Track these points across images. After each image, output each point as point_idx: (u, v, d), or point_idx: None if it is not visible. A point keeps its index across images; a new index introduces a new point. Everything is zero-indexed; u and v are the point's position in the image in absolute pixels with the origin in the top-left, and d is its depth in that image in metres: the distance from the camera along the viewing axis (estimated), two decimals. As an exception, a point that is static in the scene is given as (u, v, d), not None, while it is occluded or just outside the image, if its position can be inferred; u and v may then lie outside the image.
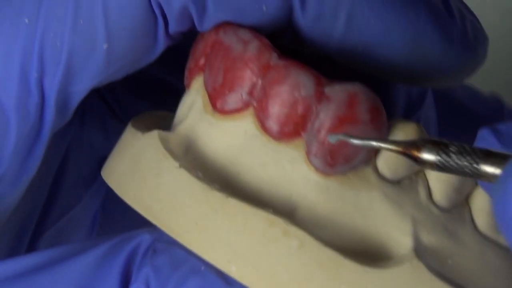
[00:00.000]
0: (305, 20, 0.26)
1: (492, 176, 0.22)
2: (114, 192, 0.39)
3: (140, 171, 0.27)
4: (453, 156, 0.22)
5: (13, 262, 0.26)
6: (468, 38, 0.26)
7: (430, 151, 0.22)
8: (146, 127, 0.30)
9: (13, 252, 0.33)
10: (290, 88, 0.25)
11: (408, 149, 0.23)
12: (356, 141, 0.24)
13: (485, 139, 0.24)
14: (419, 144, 0.23)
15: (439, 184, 0.25)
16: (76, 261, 0.26)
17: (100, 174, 0.37)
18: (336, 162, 0.25)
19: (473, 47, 0.26)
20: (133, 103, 0.37)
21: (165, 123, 0.32)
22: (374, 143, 0.24)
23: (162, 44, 0.28)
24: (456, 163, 0.22)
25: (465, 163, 0.22)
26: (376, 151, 0.25)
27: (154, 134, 0.28)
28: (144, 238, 0.26)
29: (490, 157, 0.22)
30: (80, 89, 0.28)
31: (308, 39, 0.26)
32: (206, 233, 0.25)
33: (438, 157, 0.22)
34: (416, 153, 0.23)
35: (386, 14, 0.25)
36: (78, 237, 0.37)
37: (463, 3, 0.26)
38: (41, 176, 0.30)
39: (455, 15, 0.25)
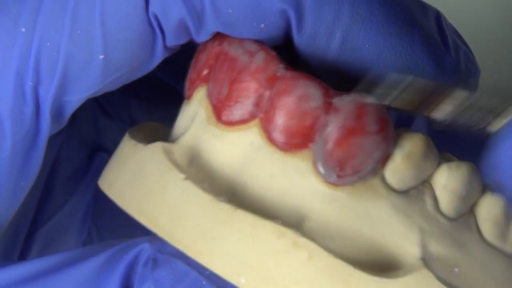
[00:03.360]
0: (301, 39, 0.26)
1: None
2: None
3: (144, 183, 0.27)
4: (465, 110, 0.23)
5: (9, 271, 0.26)
6: (460, 69, 0.26)
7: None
8: (144, 138, 0.30)
9: (8, 249, 0.33)
10: (298, 99, 0.25)
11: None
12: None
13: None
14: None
15: (445, 193, 0.25)
16: (74, 270, 0.26)
17: (90, 169, 0.37)
18: (345, 173, 0.25)
19: (464, 78, 0.26)
20: (123, 99, 0.37)
21: (162, 133, 0.32)
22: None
23: (159, 56, 0.28)
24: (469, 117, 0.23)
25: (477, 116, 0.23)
26: (384, 162, 0.25)
27: (157, 146, 0.28)
28: (144, 248, 0.26)
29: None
30: (75, 99, 0.28)
31: (303, 56, 0.27)
32: (215, 245, 0.25)
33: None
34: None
35: (380, 39, 0.25)
36: (72, 232, 0.37)
37: (458, 35, 0.27)
38: None
39: (449, 46, 0.26)
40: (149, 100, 0.33)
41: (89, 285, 0.25)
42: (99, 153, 0.38)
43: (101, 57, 0.27)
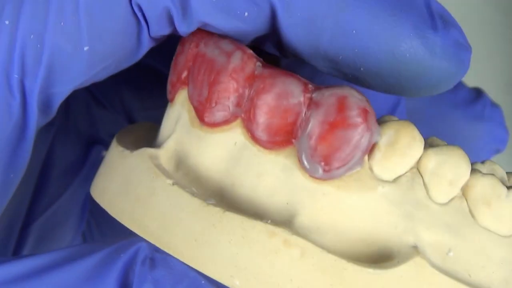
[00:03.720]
0: (289, 26, 0.25)
1: None
2: None
3: (133, 191, 0.27)
4: None
5: (3, 268, 0.26)
6: (450, 50, 0.26)
7: None
8: (131, 143, 0.30)
9: (3, 242, 0.33)
10: (278, 97, 0.25)
11: None
12: None
13: None
14: None
15: (434, 179, 0.25)
16: (70, 268, 0.26)
17: (86, 161, 0.37)
18: (331, 167, 0.25)
19: (455, 58, 0.26)
20: (115, 88, 0.37)
21: (150, 135, 0.32)
22: None
23: (145, 46, 0.28)
24: None
25: None
26: (370, 152, 0.25)
27: (143, 152, 0.28)
28: (141, 246, 0.26)
29: None
30: (62, 91, 0.28)
31: (290, 44, 0.26)
32: (206, 249, 0.24)
33: None
34: None
35: (370, 24, 0.25)
36: (68, 225, 0.38)
37: (447, 13, 0.27)
38: (29, 165, 0.30)
39: (438, 27, 0.26)
40: (141, 88, 0.33)
41: (85, 283, 0.25)
42: (96, 146, 0.38)
43: (86, 48, 0.26)
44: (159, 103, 0.36)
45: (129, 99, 0.37)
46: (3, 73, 0.27)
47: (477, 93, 0.39)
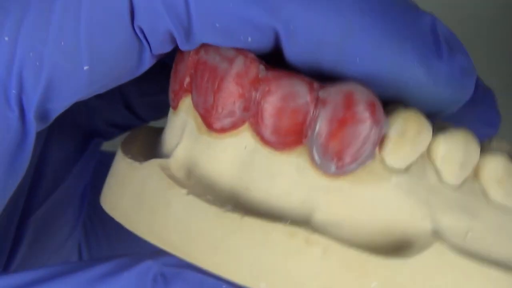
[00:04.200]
0: (292, 53, 0.26)
1: None
2: (103, 169, 0.39)
3: (148, 203, 0.27)
4: None
5: (2, 281, 0.26)
6: (455, 77, 0.26)
7: None
8: (138, 153, 0.30)
9: (0, 237, 0.33)
10: (284, 98, 0.25)
11: None
12: None
13: None
14: None
15: (446, 163, 0.25)
16: (70, 280, 0.26)
17: (85, 152, 0.37)
18: (343, 163, 0.25)
19: (459, 84, 0.26)
20: None
21: (154, 142, 0.32)
22: None
23: (146, 64, 0.28)
24: None
25: None
26: (380, 144, 0.25)
27: (154, 163, 0.28)
28: (147, 264, 0.26)
29: None
30: (60, 106, 0.28)
31: (293, 65, 0.26)
32: (229, 255, 0.25)
33: None
34: None
35: (372, 51, 0.25)
36: (66, 217, 0.38)
37: (455, 40, 0.26)
38: None
39: (443, 53, 0.25)
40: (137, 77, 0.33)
41: None
42: (93, 139, 0.38)
43: (85, 67, 0.27)
44: (157, 89, 0.36)
45: (126, 86, 0.37)
46: (1, 88, 0.27)
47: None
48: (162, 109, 0.37)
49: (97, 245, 0.41)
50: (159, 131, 0.32)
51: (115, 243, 0.41)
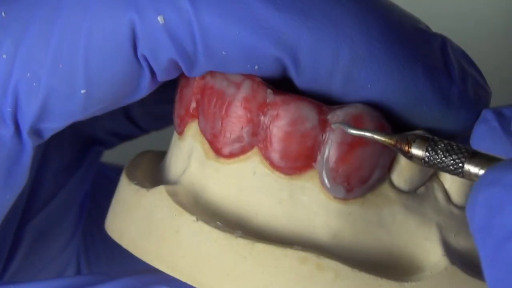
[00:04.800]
0: (300, 81, 0.25)
1: (475, 176, 0.22)
2: (102, 181, 0.39)
3: (157, 230, 0.27)
4: (440, 153, 0.23)
5: None
6: (468, 97, 0.26)
7: (419, 146, 0.23)
8: (143, 179, 0.30)
9: None
10: (293, 123, 0.25)
11: (399, 142, 0.23)
12: (353, 131, 0.24)
13: (487, 121, 0.24)
14: (409, 139, 0.23)
15: (454, 184, 0.26)
16: None
17: (85, 161, 0.37)
18: (353, 186, 0.25)
19: (473, 105, 0.26)
20: None
21: (158, 167, 0.32)
22: (368, 134, 0.24)
23: (145, 90, 0.28)
24: (442, 160, 0.23)
25: (451, 161, 0.22)
26: (389, 167, 0.25)
27: (162, 190, 0.27)
28: None
29: (476, 157, 0.22)
30: (55, 126, 0.28)
31: (302, 91, 0.26)
32: (240, 281, 0.25)
33: (426, 153, 0.23)
34: (406, 147, 0.23)
35: (383, 77, 0.25)
36: (65, 224, 0.37)
37: (466, 58, 0.26)
38: None
39: (454, 75, 0.25)
40: None
41: None
42: (93, 147, 0.38)
43: (82, 91, 0.27)
44: (158, 100, 0.36)
45: None
46: None
47: None
48: (162, 120, 0.37)
49: (96, 257, 0.41)
50: (162, 155, 0.32)
51: (114, 254, 0.41)
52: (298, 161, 0.25)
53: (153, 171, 0.31)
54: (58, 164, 0.36)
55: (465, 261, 0.25)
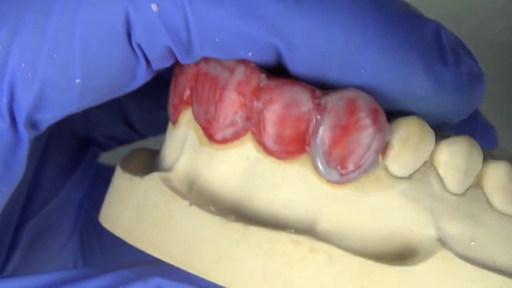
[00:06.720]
0: (294, 67, 0.25)
1: None
2: (100, 181, 0.39)
3: (150, 216, 0.27)
4: None
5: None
6: (463, 83, 0.26)
7: None
8: (138, 169, 0.30)
9: None
10: (286, 106, 0.25)
11: None
12: None
13: None
14: None
15: (449, 171, 0.25)
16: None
17: (83, 162, 0.37)
18: (347, 170, 0.25)
19: (467, 91, 0.26)
20: None
21: (153, 160, 0.32)
22: None
23: (141, 79, 0.28)
24: None
25: None
26: (383, 151, 0.25)
27: (155, 177, 0.27)
28: (150, 282, 0.26)
29: None
30: (51, 117, 0.28)
31: (297, 77, 0.26)
32: (233, 266, 0.25)
33: None
34: None
35: (377, 63, 0.25)
36: (63, 227, 0.38)
37: (461, 45, 0.26)
38: None
39: (448, 60, 0.25)
40: (137, 89, 0.34)
41: None
42: (91, 148, 0.38)
43: (77, 80, 0.27)
44: (156, 105, 0.36)
45: (125, 99, 0.37)
46: None
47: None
48: (160, 125, 0.37)
49: (91, 256, 0.41)
50: (157, 153, 0.32)
51: (109, 255, 0.41)
52: (291, 145, 0.25)
53: (148, 163, 0.31)
54: (57, 164, 0.36)
55: (458, 248, 0.25)
